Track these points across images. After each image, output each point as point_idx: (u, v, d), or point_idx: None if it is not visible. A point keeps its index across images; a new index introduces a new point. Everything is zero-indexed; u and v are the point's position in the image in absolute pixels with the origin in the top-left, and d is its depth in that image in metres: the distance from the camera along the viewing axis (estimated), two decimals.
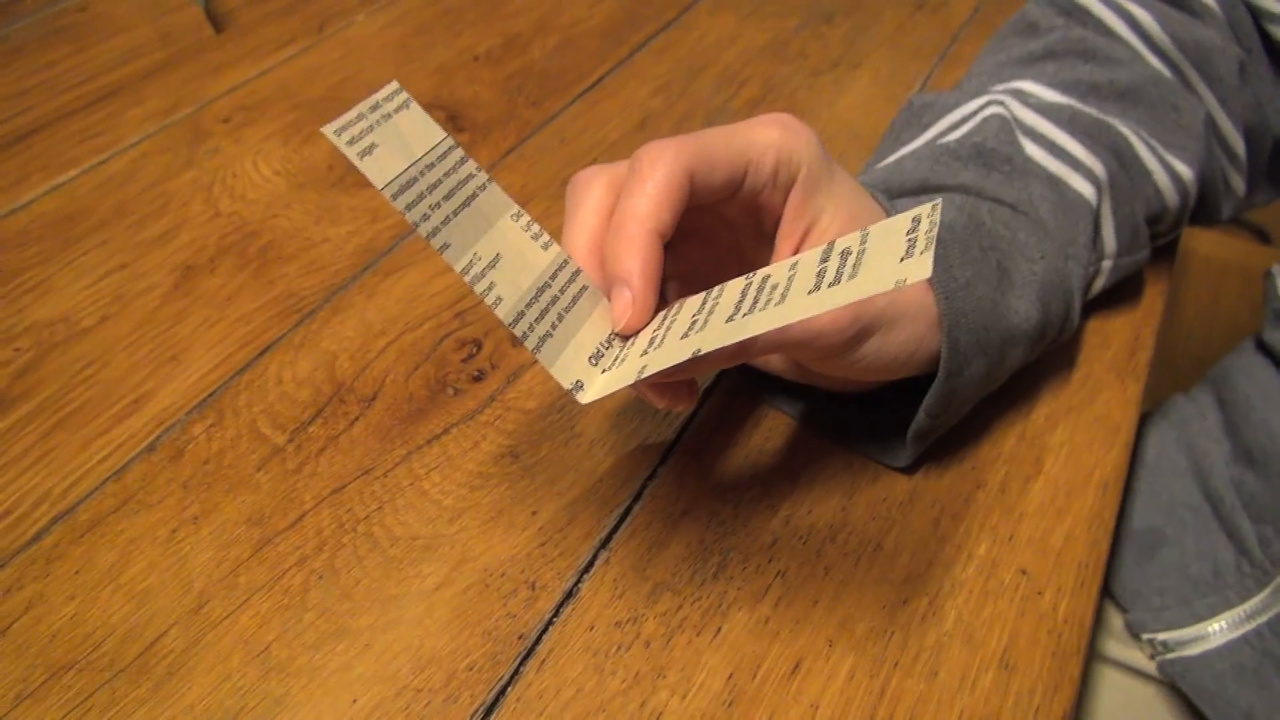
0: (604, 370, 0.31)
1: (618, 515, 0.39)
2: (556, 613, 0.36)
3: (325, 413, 0.43)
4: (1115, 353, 0.47)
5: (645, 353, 0.30)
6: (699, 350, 0.27)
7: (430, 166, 0.30)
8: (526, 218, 0.32)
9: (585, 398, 0.31)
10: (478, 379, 0.45)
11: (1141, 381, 0.45)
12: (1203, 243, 1.28)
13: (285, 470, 0.40)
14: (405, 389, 0.44)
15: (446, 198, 0.30)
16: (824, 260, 0.28)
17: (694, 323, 0.29)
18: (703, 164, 0.32)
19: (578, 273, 0.33)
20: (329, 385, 0.44)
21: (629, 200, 0.32)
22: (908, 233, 0.25)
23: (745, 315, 0.28)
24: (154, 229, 0.54)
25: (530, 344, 0.30)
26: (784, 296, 0.27)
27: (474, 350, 0.46)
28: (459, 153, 0.31)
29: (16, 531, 0.39)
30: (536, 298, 0.31)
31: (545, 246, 0.32)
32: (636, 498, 0.39)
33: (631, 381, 0.29)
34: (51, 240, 0.53)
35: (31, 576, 0.37)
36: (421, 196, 0.29)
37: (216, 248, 0.52)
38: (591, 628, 0.35)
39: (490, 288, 0.30)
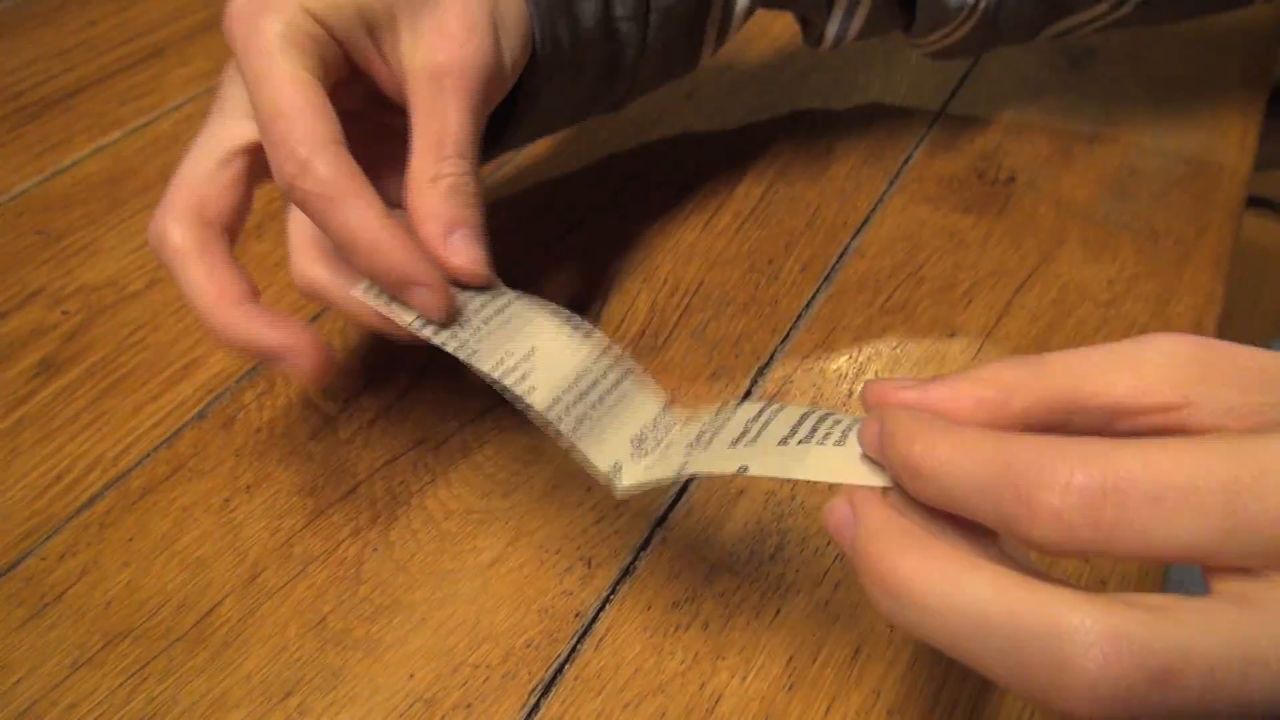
0: (646, 453, 0.31)
1: (673, 493, 0.38)
2: (613, 591, 0.35)
3: (377, 382, 0.42)
4: None
5: (691, 446, 0.29)
6: (745, 469, 0.26)
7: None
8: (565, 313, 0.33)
9: (622, 482, 0.30)
10: None
11: None
12: (1244, 228, 1.25)
13: (338, 440, 0.40)
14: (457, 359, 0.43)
15: (485, 322, 0.32)
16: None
17: (746, 432, 0.28)
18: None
19: (619, 358, 0.32)
20: (380, 354, 0.44)
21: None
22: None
23: (801, 443, 0.26)
24: None
25: (565, 428, 0.30)
26: (844, 436, 0.25)
27: None
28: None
29: (69, 497, 0.38)
30: (575, 386, 0.31)
31: (582, 341, 0.32)
32: (692, 475, 0.39)
33: (670, 478, 0.29)
34: (98, 202, 0.53)
35: (85, 543, 0.37)
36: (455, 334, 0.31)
37: (263, 213, 0.52)
38: (649, 607, 0.35)
39: (523, 378, 0.30)
